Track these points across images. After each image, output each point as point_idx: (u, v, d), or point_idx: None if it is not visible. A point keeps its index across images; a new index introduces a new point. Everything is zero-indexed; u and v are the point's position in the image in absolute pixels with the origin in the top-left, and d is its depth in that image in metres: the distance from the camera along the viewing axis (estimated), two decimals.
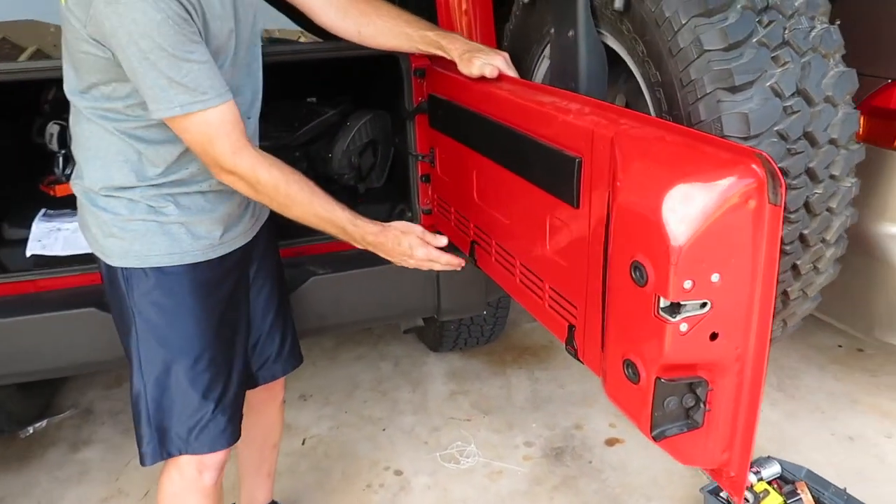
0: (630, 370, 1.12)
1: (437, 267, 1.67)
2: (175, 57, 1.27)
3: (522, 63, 1.74)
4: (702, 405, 1.08)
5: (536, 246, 1.57)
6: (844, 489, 2.20)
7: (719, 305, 1.02)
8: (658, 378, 1.07)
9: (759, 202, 0.97)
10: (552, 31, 1.55)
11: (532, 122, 1.47)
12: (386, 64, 2.25)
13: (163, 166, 1.48)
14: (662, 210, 1.00)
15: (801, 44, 1.20)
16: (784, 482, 2.22)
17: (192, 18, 1.29)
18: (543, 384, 3.09)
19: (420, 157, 2.16)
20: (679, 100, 1.23)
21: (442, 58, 1.80)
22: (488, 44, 1.91)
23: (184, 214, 1.52)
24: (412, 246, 1.61)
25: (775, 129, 1.18)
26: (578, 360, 1.49)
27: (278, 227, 1.90)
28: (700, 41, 1.19)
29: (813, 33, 1.22)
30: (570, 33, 1.46)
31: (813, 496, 2.14)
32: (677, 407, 1.09)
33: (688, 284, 1.00)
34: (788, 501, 2.13)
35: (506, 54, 1.68)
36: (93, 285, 2.11)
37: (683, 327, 1.03)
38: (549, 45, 1.68)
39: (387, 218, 2.40)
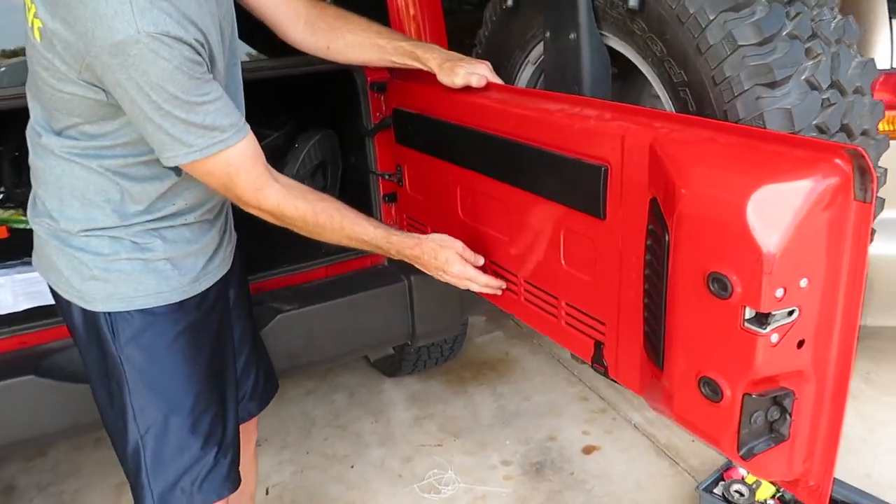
0: (708, 388, 1.05)
1: (474, 287, 1.57)
2: (190, 103, 1.17)
3: (502, 70, 1.65)
4: (788, 416, 1.02)
5: (547, 262, 1.49)
6: None
7: (807, 311, 0.97)
8: (746, 394, 1.00)
9: (846, 200, 0.92)
10: (547, 34, 1.47)
11: (540, 132, 1.39)
12: (335, 79, 2.12)
13: (146, 203, 1.36)
14: (748, 217, 0.93)
15: (828, 35, 1.18)
16: None
17: (202, 58, 1.18)
18: (508, 399, 3.02)
19: (387, 176, 2.03)
20: (712, 99, 1.18)
21: (408, 70, 1.69)
22: None
23: (170, 249, 1.41)
24: (448, 260, 1.52)
25: (814, 123, 1.14)
26: (609, 378, 1.42)
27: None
28: (733, 36, 1.14)
29: (834, 24, 1.20)
30: (572, 36, 1.39)
31: None
32: (763, 421, 1.03)
33: (779, 293, 0.94)
34: (781, 490, 2.15)
35: (488, 62, 1.59)
36: (27, 349, 1.85)
37: (774, 338, 0.97)
38: (534, 51, 1.60)
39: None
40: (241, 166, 1.28)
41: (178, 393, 1.45)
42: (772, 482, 2.08)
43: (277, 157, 2.33)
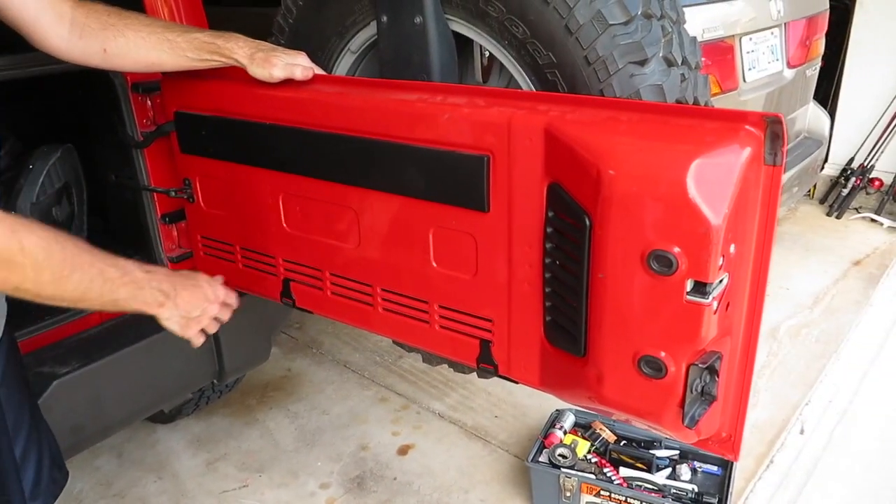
0: (650, 367, 1.05)
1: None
2: None
3: (314, 61, 1.48)
4: (716, 378, 1.06)
5: (413, 265, 1.38)
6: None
7: (734, 275, 1.02)
8: (692, 364, 1.02)
9: (759, 165, 0.98)
10: (383, 19, 1.34)
11: (398, 126, 1.26)
12: (78, 82, 1.73)
13: None
14: (689, 191, 0.94)
15: (670, 13, 1.24)
16: (582, 428, 2.41)
17: None
18: (305, 417, 2.81)
19: (172, 193, 1.72)
20: (585, 79, 1.18)
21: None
22: None
23: None
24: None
25: (676, 98, 1.20)
26: (501, 376, 1.37)
27: None
28: (602, 15, 1.15)
29: (668, 2, 1.27)
30: (417, 20, 1.29)
31: (609, 430, 2.36)
32: (699, 388, 1.06)
33: (720, 262, 0.97)
34: (595, 443, 2.32)
35: (304, 53, 1.42)
36: None
37: (715, 305, 0.99)
38: (356, 38, 1.46)
39: None
40: None
41: None
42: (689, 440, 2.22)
43: (2, 184, 1.83)
